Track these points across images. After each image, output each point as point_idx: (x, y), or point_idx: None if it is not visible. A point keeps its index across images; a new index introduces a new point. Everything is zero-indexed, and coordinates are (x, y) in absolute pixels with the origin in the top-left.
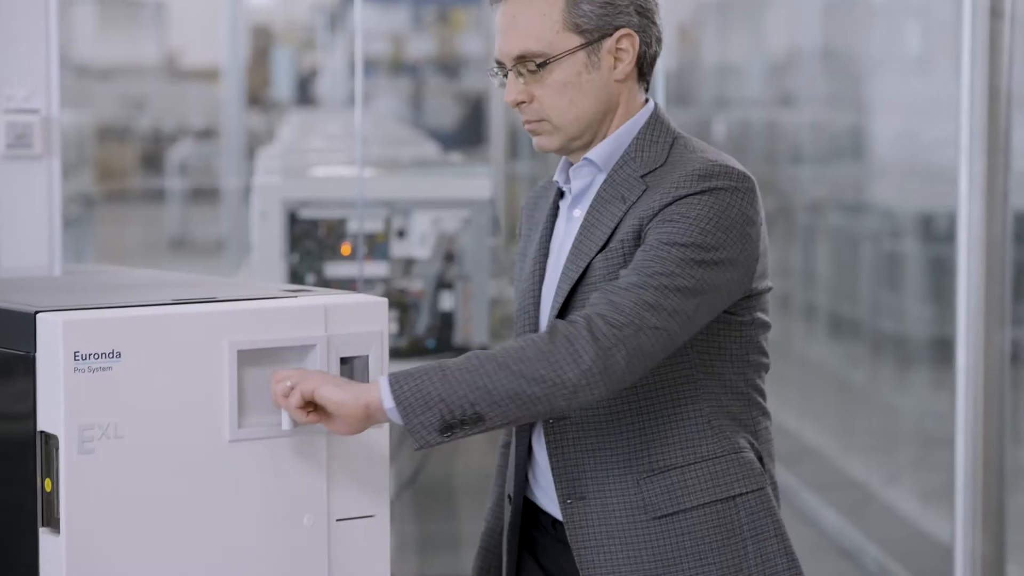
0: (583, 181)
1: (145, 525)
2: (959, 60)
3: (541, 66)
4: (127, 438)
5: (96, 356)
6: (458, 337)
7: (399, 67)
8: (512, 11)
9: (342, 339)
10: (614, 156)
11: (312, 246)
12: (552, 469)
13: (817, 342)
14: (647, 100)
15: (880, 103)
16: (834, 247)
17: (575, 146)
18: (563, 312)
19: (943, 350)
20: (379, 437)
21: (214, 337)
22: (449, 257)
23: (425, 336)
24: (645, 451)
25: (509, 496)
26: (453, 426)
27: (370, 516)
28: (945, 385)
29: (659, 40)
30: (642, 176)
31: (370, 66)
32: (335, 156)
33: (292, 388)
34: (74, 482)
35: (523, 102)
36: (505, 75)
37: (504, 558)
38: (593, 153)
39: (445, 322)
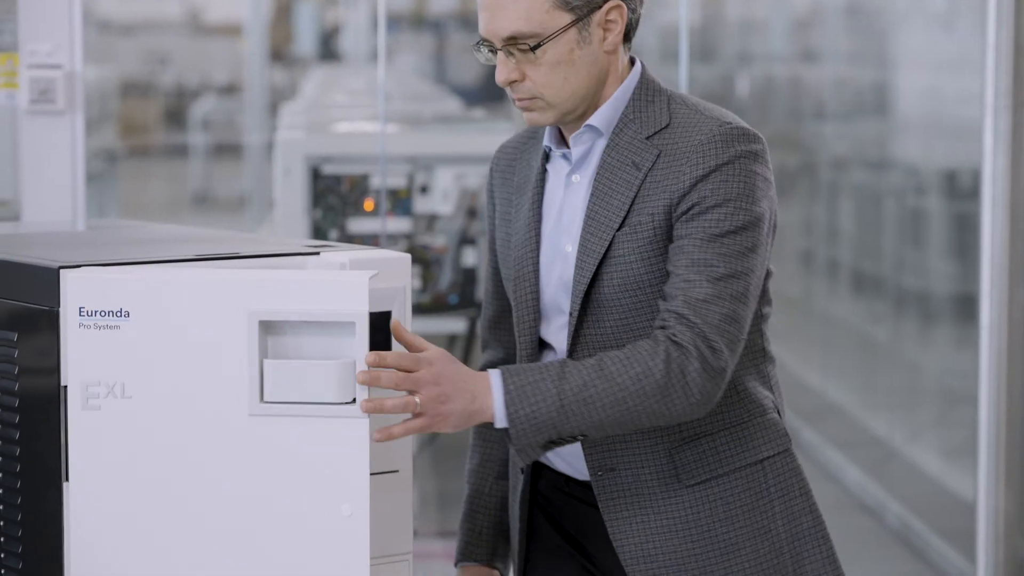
0: (583, 147)
1: (152, 489)
2: (984, 15)
3: (534, 48)
4: (135, 399)
5: (103, 313)
6: (480, 293)
7: (422, 22)
8: None
9: None
10: (613, 120)
11: (335, 202)
12: (582, 444)
13: (840, 299)
14: (632, 60)
15: (904, 58)
16: (858, 204)
17: (569, 119)
18: (591, 288)
19: (966, 307)
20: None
21: (231, 302)
22: (472, 213)
23: (448, 292)
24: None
25: (521, 469)
26: (556, 442)
27: (394, 471)
28: (968, 342)
29: (642, 1)
30: (647, 138)
31: (393, 21)
32: (358, 112)
33: (411, 397)
34: (79, 438)
35: (515, 81)
36: (492, 52)
37: (516, 525)
38: (595, 119)
39: (468, 278)
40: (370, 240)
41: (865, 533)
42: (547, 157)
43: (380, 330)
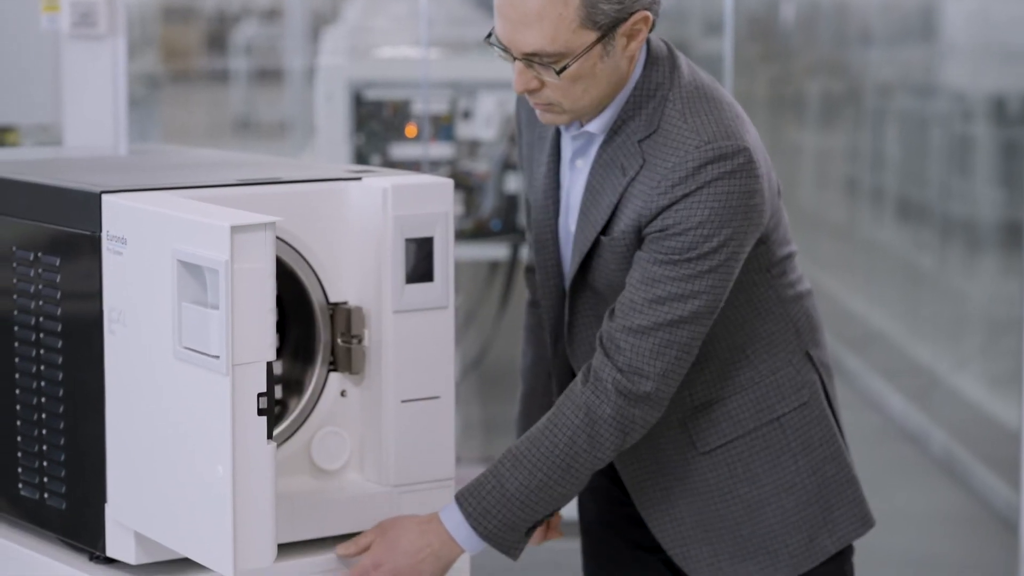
0: (581, 141)
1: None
2: None
3: (559, 70)
4: (129, 327)
5: (115, 239)
6: (523, 218)
7: None
8: (522, 3)
9: (407, 220)
10: (611, 121)
11: (377, 127)
12: None
13: (885, 227)
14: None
15: None
16: (903, 130)
17: (585, 120)
18: (581, 274)
19: (1013, 234)
20: (444, 319)
21: (163, 241)
22: (514, 138)
23: (490, 218)
24: (686, 389)
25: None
26: (535, 525)
27: (435, 397)
28: (1014, 270)
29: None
30: (639, 141)
31: None
32: (400, 36)
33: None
34: (109, 361)
35: (534, 90)
36: (508, 54)
37: None
38: (592, 126)
39: (510, 204)
40: (412, 166)
41: (908, 461)
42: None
43: (422, 255)
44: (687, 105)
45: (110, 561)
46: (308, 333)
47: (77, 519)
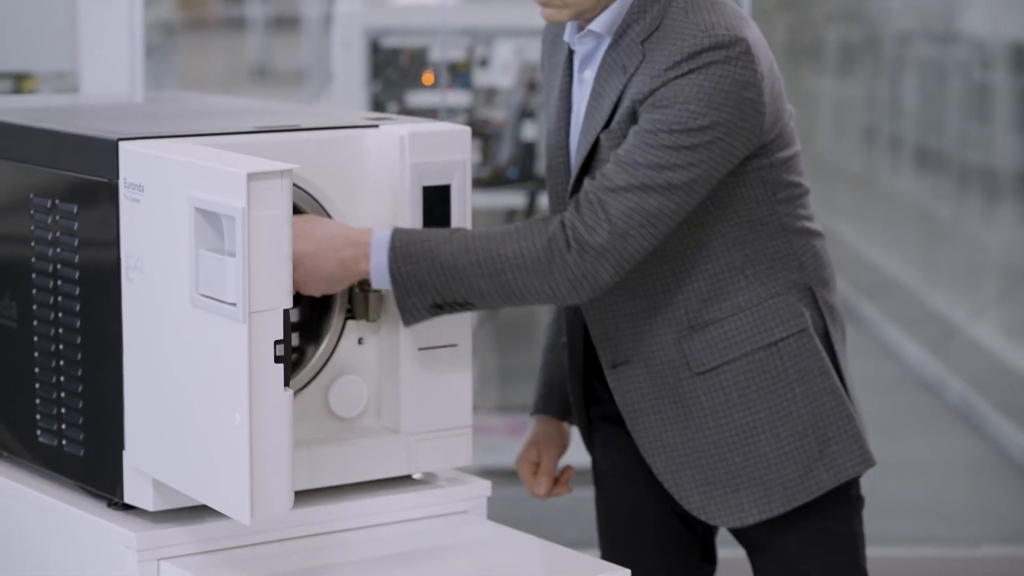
0: (588, 46)
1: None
2: None
3: None
4: (146, 274)
5: (132, 186)
6: (540, 166)
7: None
8: None
9: (424, 168)
10: (616, 21)
11: (394, 75)
12: (593, 338)
13: (903, 175)
14: None
15: None
16: (922, 78)
17: (586, 17)
18: (577, 186)
19: None
20: None
21: (180, 187)
22: (532, 86)
23: (507, 166)
24: (682, 309)
25: (563, 344)
26: (443, 308)
27: (452, 345)
28: None
29: None
30: (642, 42)
31: None
32: None
33: None
34: (126, 309)
35: None
36: None
37: (573, 390)
38: (596, 24)
39: (527, 152)
40: (429, 114)
41: (925, 410)
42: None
43: (439, 203)
44: (690, 3)
45: (128, 507)
46: None
47: (95, 466)
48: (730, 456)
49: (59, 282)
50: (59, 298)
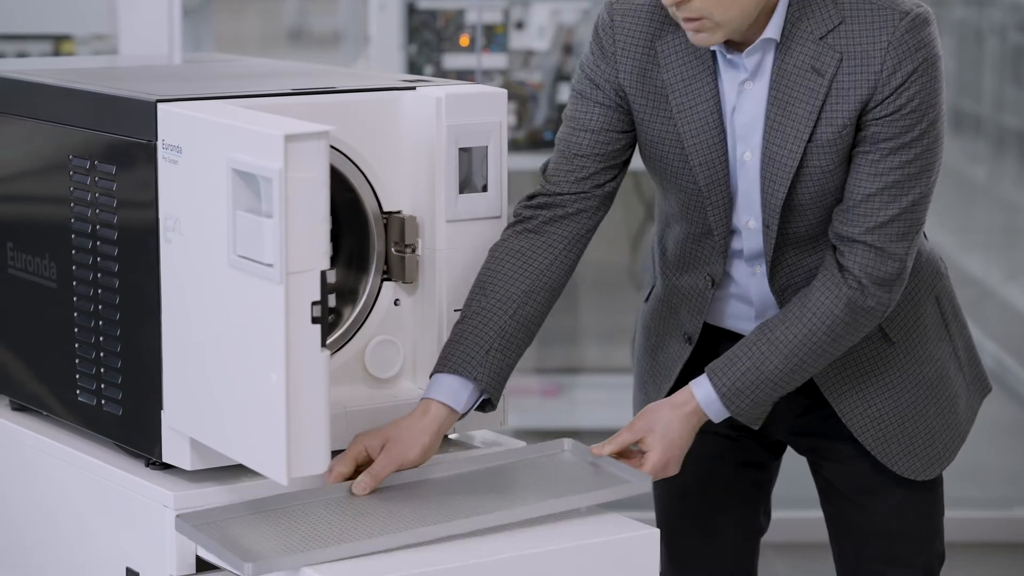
0: (757, 57)
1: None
2: None
3: None
4: (185, 235)
5: (171, 147)
6: None
7: None
8: None
9: (461, 129)
10: (781, 24)
11: (430, 37)
12: (775, 295)
13: None
14: None
15: None
16: (958, 40)
17: (737, 36)
18: (789, 199)
19: None
20: (496, 229)
21: (218, 149)
22: (568, 49)
23: (543, 128)
24: None
25: (689, 336)
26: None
27: None
28: None
29: None
30: (820, 38)
31: None
32: None
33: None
34: (165, 269)
35: (684, 1)
36: None
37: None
38: (770, 30)
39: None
40: (465, 76)
41: None
42: (712, 55)
43: (477, 167)
44: None
45: (165, 467)
46: (362, 242)
47: (133, 425)
48: (924, 410)
49: (98, 243)
50: (98, 259)
